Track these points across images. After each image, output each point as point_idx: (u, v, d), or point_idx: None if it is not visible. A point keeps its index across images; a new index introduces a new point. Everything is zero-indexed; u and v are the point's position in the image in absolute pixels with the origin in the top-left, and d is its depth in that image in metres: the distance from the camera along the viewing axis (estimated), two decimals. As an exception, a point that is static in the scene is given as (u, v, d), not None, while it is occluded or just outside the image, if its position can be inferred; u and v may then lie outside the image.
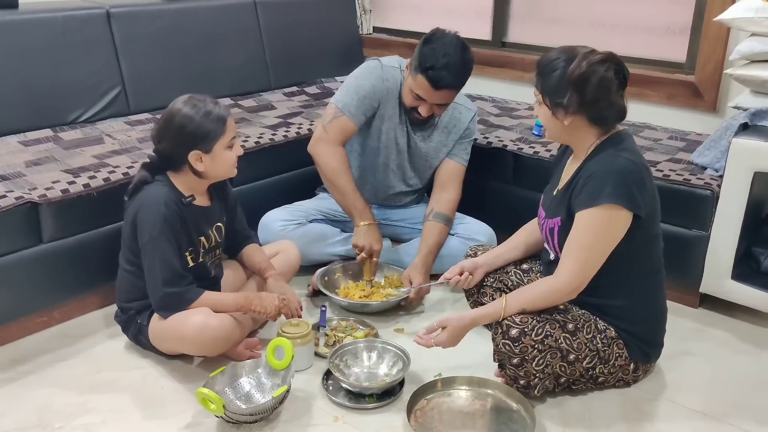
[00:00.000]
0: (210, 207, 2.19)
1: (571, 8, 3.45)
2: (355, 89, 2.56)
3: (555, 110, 1.92)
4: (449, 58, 2.36)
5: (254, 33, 3.51)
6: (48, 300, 2.35)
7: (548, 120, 1.96)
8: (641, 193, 1.88)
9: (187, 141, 2.02)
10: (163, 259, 2.01)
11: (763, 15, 2.44)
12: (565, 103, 1.89)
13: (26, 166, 2.42)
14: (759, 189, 2.40)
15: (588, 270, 1.91)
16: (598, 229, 1.88)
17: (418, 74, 2.41)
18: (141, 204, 2.05)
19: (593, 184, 1.87)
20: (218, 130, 2.03)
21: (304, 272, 2.59)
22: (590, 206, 1.87)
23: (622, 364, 2.04)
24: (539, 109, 1.98)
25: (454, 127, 2.67)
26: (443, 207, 2.64)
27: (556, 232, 2.00)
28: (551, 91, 1.91)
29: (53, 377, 2.14)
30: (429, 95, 2.43)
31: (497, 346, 1.93)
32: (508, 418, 1.94)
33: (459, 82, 2.44)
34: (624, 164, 1.88)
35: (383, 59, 2.64)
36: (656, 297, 2.08)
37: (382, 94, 2.58)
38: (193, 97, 2.06)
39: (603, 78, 1.86)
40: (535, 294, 1.94)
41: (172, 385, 2.10)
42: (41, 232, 2.27)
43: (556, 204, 2.02)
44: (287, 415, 1.97)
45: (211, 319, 2.03)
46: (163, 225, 2.01)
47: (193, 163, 2.04)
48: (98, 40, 2.96)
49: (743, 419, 2.00)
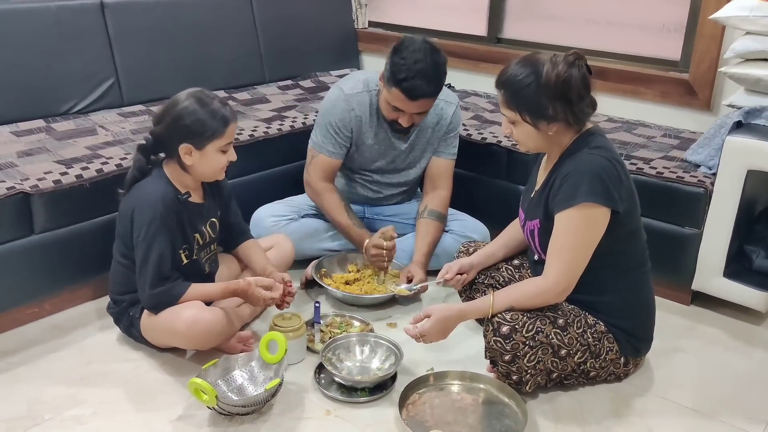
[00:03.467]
0: (204, 203, 2.18)
1: (566, 5, 3.45)
2: (325, 127, 2.57)
3: (538, 124, 1.90)
4: (421, 65, 2.31)
5: (249, 26, 3.50)
6: (39, 291, 2.34)
7: (528, 135, 1.94)
8: (617, 188, 1.88)
9: (182, 132, 2.01)
10: (155, 259, 2.00)
11: (758, 13, 2.45)
12: (550, 113, 1.87)
13: (18, 156, 2.41)
14: (752, 187, 2.40)
15: (575, 270, 1.91)
16: (579, 228, 1.88)
17: (392, 87, 2.37)
18: (139, 199, 2.04)
19: (569, 184, 1.88)
20: (216, 131, 2.02)
21: (297, 266, 2.58)
22: (568, 207, 1.87)
23: (613, 358, 2.04)
24: (515, 128, 1.95)
25: (437, 124, 2.64)
26: (436, 204, 2.64)
27: (537, 233, 2.00)
28: (530, 106, 1.89)
29: (44, 369, 2.13)
30: (406, 106, 2.40)
31: (488, 343, 1.93)
32: (500, 412, 1.95)
33: (434, 89, 2.39)
34: (598, 162, 1.88)
35: (345, 87, 2.58)
36: (643, 290, 2.08)
37: (353, 124, 2.57)
38: (202, 91, 2.06)
39: (583, 77, 1.86)
40: (524, 293, 1.95)
41: (164, 378, 2.09)
42: (33, 223, 2.25)
43: (534, 205, 2.03)
44: (279, 408, 1.97)
45: (204, 313, 2.02)
46: (160, 224, 2.00)
47: (182, 155, 2.03)
48: (92, 30, 2.95)
49: (733, 416, 2.01)
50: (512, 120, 1.94)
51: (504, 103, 1.94)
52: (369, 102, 2.57)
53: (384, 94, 2.45)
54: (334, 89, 2.62)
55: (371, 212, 2.81)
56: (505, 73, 1.93)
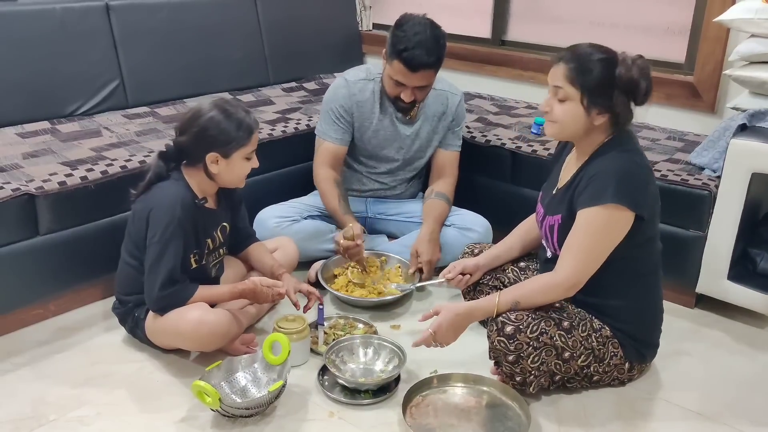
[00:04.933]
0: (217, 209, 2.20)
1: (571, 7, 3.45)
2: (327, 114, 2.65)
3: (592, 109, 1.87)
4: (420, 36, 2.39)
5: (254, 27, 3.51)
6: (44, 292, 2.35)
7: (574, 117, 1.89)
8: (644, 194, 1.88)
9: (209, 142, 2.03)
10: (167, 263, 2.00)
11: (763, 16, 2.44)
12: (609, 102, 1.86)
13: (23, 158, 2.42)
14: (756, 190, 2.40)
15: (587, 269, 1.91)
16: (600, 228, 1.87)
17: (393, 60, 2.43)
18: (157, 201, 2.05)
19: (597, 183, 1.87)
20: (242, 140, 2.05)
21: (300, 268, 2.59)
22: (593, 205, 1.86)
23: (617, 363, 2.04)
24: (563, 106, 1.89)
25: (443, 113, 2.69)
26: (442, 188, 2.71)
27: (556, 229, 1.99)
28: (595, 88, 1.85)
29: (48, 369, 2.13)
30: (407, 78, 2.45)
31: (492, 343, 1.93)
32: (503, 415, 1.94)
33: (434, 60, 2.44)
34: (629, 165, 1.88)
35: (349, 75, 2.67)
36: (653, 298, 2.08)
37: (354, 109, 2.62)
38: (226, 101, 2.10)
39: (650, 84, 1.87)
40: (532, 288, 1.94)
41: (168, 379, 2.09)
42: (38, 225, 2.26)
43: (557, 201, 2.02)
44: (283, 410, 1.97)
45: (208, 315, 2.02)
46: (176, 228, 2.01)
47: (209, 164, 2.05)
48: (97, 32, 2.95)
49: (738, 419, 2.00)
50: (565, 97, 1.88)
51: (565, 77, 1.87)
52: (372, 89, 2.64)
53: (386, 70, 2.52)
54: (337, 79, 2.72)
55: (374, 211, 2.82)
56: (578, 49, 1.89)
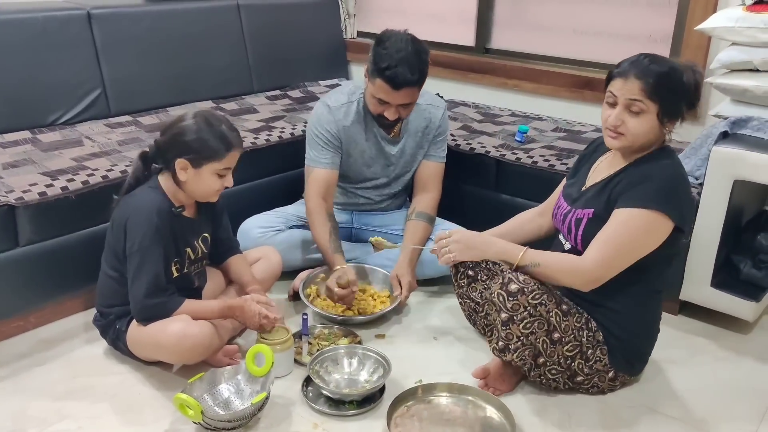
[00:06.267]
0: (196, 219, 2.18)
1: (554, 16, 3.46)
2: (314, 140, 2.58)
3: (666, 120, 1.88)
4: (403, 53, 2.35)
5: (237, 36, 3.49)
6: (24, 304, 2.32)
7: (649, 129, 1.88)
8: (689, 208, 1.89)
9: (181, 147, 2.00)
10: (149, 270, 1.98)
11: (744, 24, 2.46)
12: (680, 113, 1.88)
13: (3, 168, 2.39)
14: (739, 197, 2.41)
15: (614, 264, 1.90)
16: (638, 230, 1.87)
17: (376, 78, 2.39)
18: (133, 209, 2.02)
19: (646, 187, 1.86)
20: (216, 154, 2.01)
21: (284, 277, 2.57)
22: (638, 206, 1.86)
23: (600, 369, 2.04)
24: (637, 119, 1.86)
25: (426, 128, 2.67)
26: (425, 206, 2.66)
27: (584, 223, 1.98)
28: (672, 102, 1.85)
29: (29, 382, 2.11)
30: (390, 97, 2.41)
31: (492, 294, 1.93)
32: (488, 425, 1.94)
33: (417, 77, 2.40)
34: (683, 177, 1.90)
35: (330, 100, 2.60)
36: (653, 314, 2.09)
37: (341, 134, 2.58)
38: (213, 114, 2.08)
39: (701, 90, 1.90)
40: (558, 261, 1.95)
41: (150, 392, 2.07)
42: (18, 236, 2.23)
43: (591, 196, 2.01)
44: (266, 422, 1.95)
45: (191, 327, 2.00)
46: (154, 235, 1.99)
47: (177, 170, 2.02)
48: (79, 41, 2.93)
49: (722, 426, 2.01)
50: (640, 110, 1.85)
51: (643, 92, 1.83)
52: (355, 110, 2.59)
53: (369, 88, 2.48)
54: (318, 105, 2.64)
55: (359, 222, 2.81)
56: (647, 61, 1.86)
